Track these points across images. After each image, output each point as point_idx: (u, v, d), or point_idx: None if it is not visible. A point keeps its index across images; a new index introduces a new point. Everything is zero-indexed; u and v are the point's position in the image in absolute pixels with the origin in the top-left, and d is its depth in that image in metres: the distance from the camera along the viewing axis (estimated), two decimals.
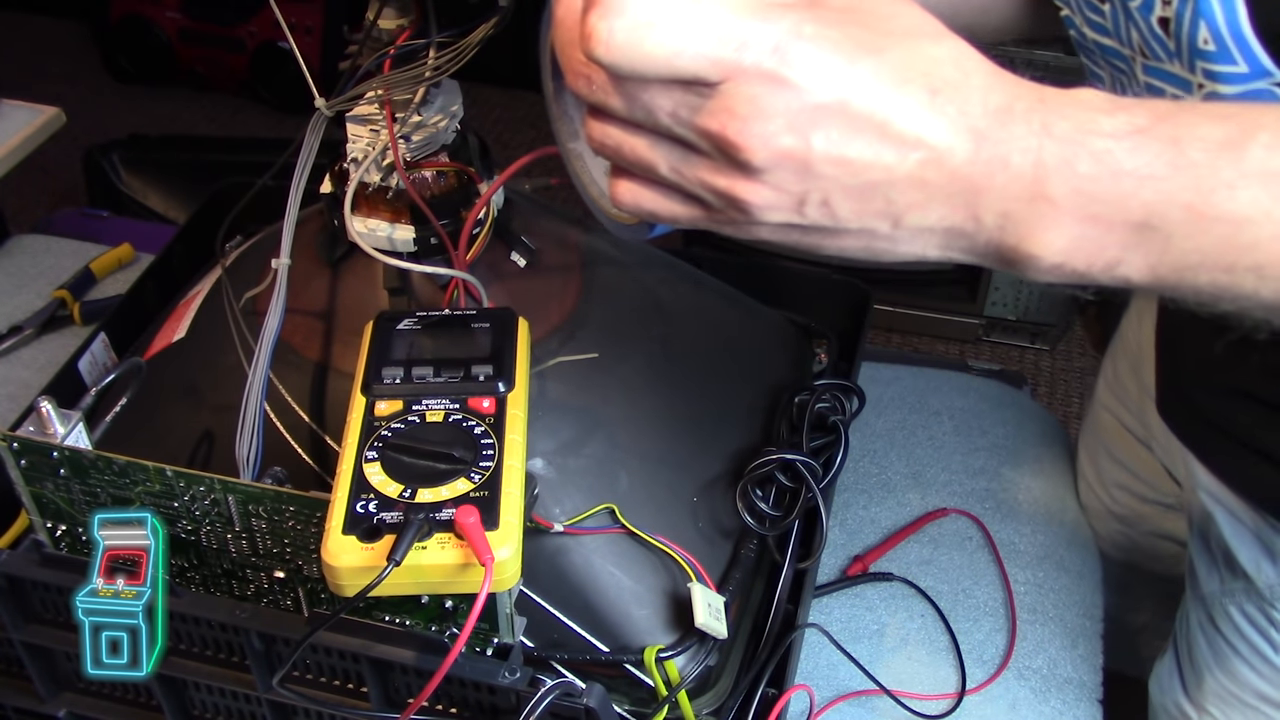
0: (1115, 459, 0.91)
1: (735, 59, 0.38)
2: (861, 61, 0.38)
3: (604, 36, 0.38)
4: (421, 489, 0.53)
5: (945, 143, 0.39)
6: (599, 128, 0.43)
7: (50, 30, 2.92)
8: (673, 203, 0.43)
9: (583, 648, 0.64)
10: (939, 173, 0.39)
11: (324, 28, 2.42)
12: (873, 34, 0.39)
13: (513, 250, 0.71)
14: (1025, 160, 0.39)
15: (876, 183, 0.39)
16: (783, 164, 0.39)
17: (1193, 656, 0.77)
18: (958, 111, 0.39)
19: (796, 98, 0.38)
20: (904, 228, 0.41)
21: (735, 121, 0.39)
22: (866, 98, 0.38)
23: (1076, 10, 0.57)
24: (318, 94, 0.64)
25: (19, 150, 1.14)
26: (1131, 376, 0.87)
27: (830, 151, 0.39)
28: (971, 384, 0.99)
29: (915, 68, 0.39)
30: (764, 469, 0.70)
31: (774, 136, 0.39)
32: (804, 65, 0.38)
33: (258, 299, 0.72)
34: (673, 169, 0.42)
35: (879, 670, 0.76)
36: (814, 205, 0.40)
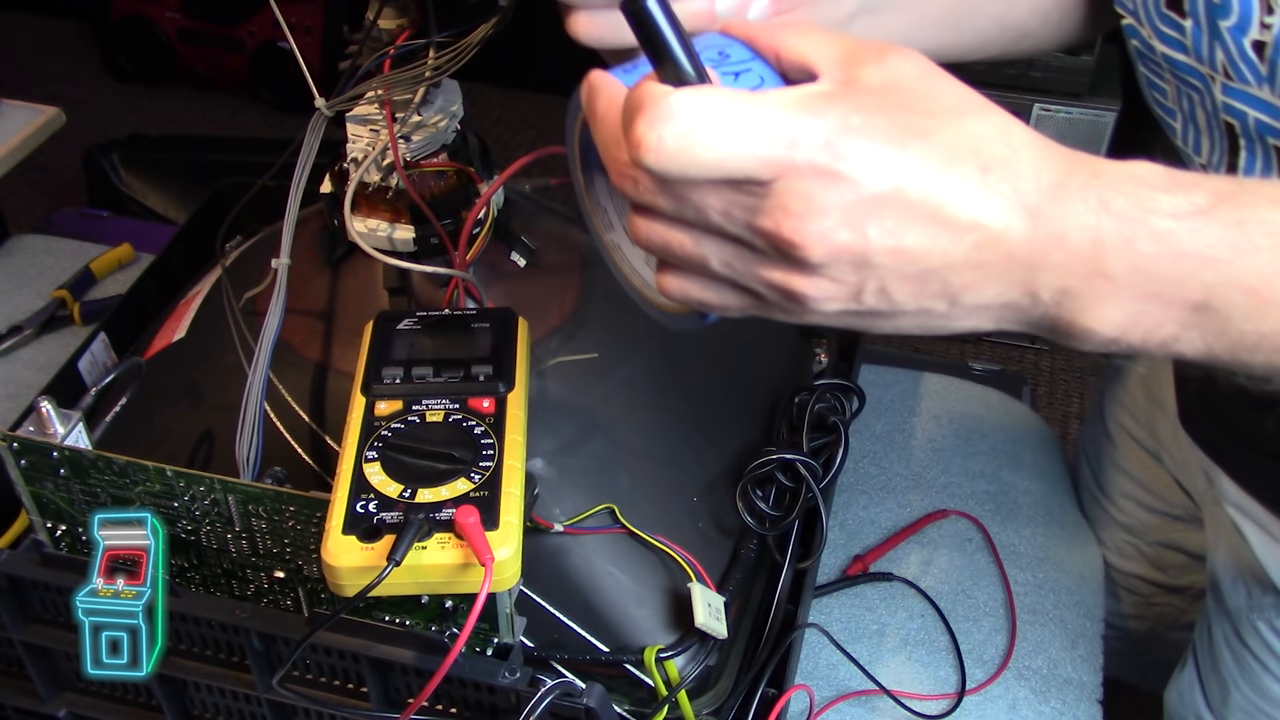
0: (1121, 469, 0.91)
1: (787, 156, 0.38)
2: (910, 147, 0.38)
3: (654, 145, 0.38)
4: (421, 489, 0.53)
5: (1001, 222, 0.38)
6: (646, 225, 0.42)
7: (50, 30, 2.92)
8: (724, 294, 0.43)
9: (583, 648, 0.64)
10: (995, 253, 0.39)
11: (324, 28, 2.42)
12: (916, 115, 0.39)
13: (513, 250, 0.71)
14: (1083, 237, 0.38)
15: (933, 268, 0.39)
16: (840, 258, 0.39)
17: (1218, 671, 0.76)
18: (1011, 189, 0.38)
19: (850, 190, 0.38)
20: (960, 306, 0.41)
21: (790, 219, 0.38)
22: (919, 183, 0.38)
23: (1145, 22, 0.56)
24: (318, 94, 0.64)
25: (19, 150, 1.14)
26: (1140, 387, 0.86)
27: (887, 242, 0.38)
28: (971, 391, 1.00)
29: (964, 147, 0.39)
30: (764, 469, 0.71)
31: (830, 232, 0.38)
32: (855, 157, 0.38)
33: (258, 299, 0.72)
34: (725, 264, 0.42)
35: (879, 670, 0.76)
36: (871, 293, 0.40)
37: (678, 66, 0.40)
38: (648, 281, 0.50)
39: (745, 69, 0.43)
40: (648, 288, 0.50)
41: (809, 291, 0.40)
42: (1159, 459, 0.86)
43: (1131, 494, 0.91)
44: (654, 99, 0.39)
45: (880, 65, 0.40)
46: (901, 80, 0.40)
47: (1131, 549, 0.93)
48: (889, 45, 0.41)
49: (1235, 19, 0.50)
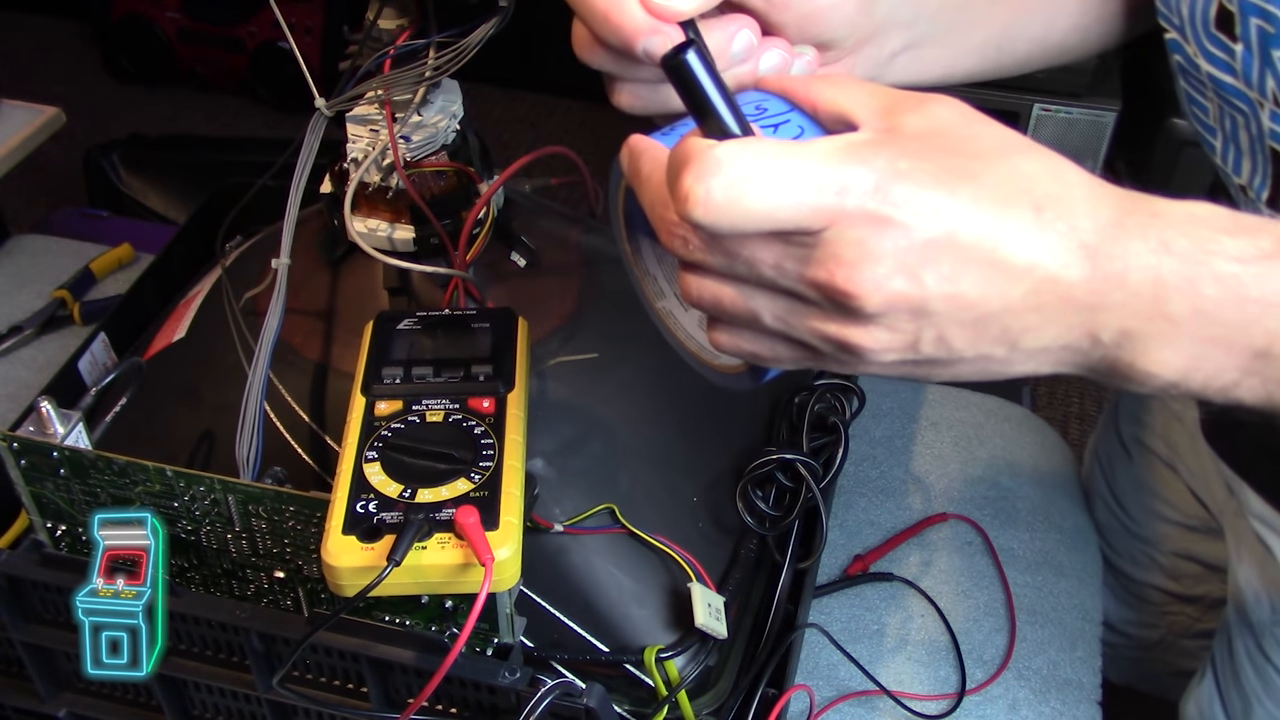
0: (1136, 479, 0.90)
1: (837, 204, 0.37)
2: (961, 189, 0.37)
3: (701, 198, 0.37)
4: (421, 489, 0.53)
5: (1058, 262, 0.38)
6: (696, 283, 0.42)
7: (50, 30, 2.92)
8: (778, 347, 0.42)
9: (583, 648, 0.64)
10: (1054, 294, 0.38)
11: (324, 28, 2.42)
12: (963, 158, 0.38)
13: (513, 250, 0.71)
14: (1144, 277, 0.38)
15: (992, 313, 0.38)
16: (896, 307, 0.38)
17: (1239, 684, 0.75)
18: (1067, 228, 0.38)
19: (904, 236, 0.37)
20: (1020, 350, 0.40)
21: (844, 269, 0.38)
22: (973, 226, 0.37)
23: (1191, 40, 0.55)
24: (318, 94, 0.64)
25: (19, 150, 1.14)
26: (1156, 400, 0.85)
27: (944, 289, 0.38)
28: (970, 399, 1.00)
29: (1015, 186, 0.38)
30: (764, 469, 0.71)
31: (886, 280, 0.37)
32: (907, 202, 0.37)
33: (258, 299, 0.72)
34: (778, 318, 0.41)
35: (879, 670, 0.76)
36: (929, 342, 0.39)
37: (720, 120, 0.40)
38: (703, 345, 0.49)
39: (784, 120, 0.43)
40: (704, 351, 0.49)
41: (865, 343, 0.39)
42: (1175, 470, 0.85)
43: (1146, 504, 0.90)
44: (699, 153, 0.38)
45: (920, 112, 0.40)
46: (943, 126, 0.39)
47: (1146, 558, 0.93)
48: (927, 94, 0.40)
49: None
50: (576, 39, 0.46)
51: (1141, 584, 0.94)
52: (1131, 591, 0.96)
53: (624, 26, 0.43)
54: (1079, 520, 0.91)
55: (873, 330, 0.39)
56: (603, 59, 0.46)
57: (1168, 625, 0.96)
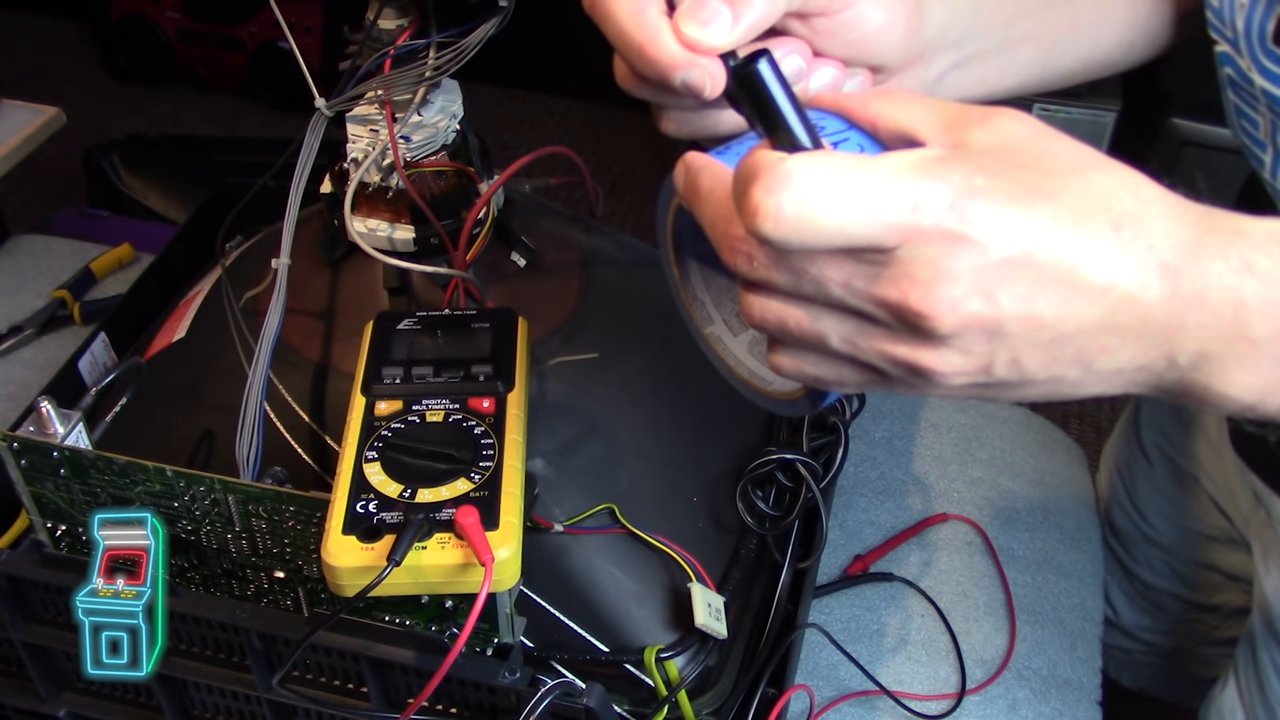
0: (1155, 487, 0.90)
1: (912, 220, 0.36)
2: (1038, 206, 0.36)
3: (772, 211, 0.36)
4: (421, 489, 0.53)
5: (1137, 281, 0.37)
6: (760, 303, 0.40)
7: (50, 30, 2.92)
8: (843, 371, 0.41)
9: (583, 648, 0.64)
10: (1132, 315, 0.37)
11: (324, 28, 2.42)
12: (1037, 175, 0.37)
13: (513, 250, 0.72)
14: (1225, 299, 0.37)
15: (1068, 334, 0.37)
16: (971, 328, 0.37)
17: (1265, 695, 0.75)
18: (1146, 246, 0.37)
19: (980, 255, 0.36)
20: (1093, 372, 0.39)
21: (918, 288, 0.36)
22: (1050, 245, 0.36)
23: (1245, 53, 0.54)
24: (318, 94, 0.64)
25: (19, 150, 1.14)
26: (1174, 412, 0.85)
27: (1020, 309, 0.36)
28: (969, 402, 0.99)
29: (1092, 204, 0.37)
30: (764, 469, 0.70)
31: (961, 301, 0.36)
32: (983, 220, 0.36)
33: (258, 299, 0.72)
34: (845, 340, 0.39)
35: (879, 670, 0.76)
36: (1002, 365, 0.38)
37: (792, 133, 0.39)
38: (754, 372, 0.48)
39: (843, 139, 0.42)
40: (755, 378, 0.48)
41: (937, 366, 0.38)
42: (1196, 479, 0.85)
43: (1165, 512, 0.89)
44: (770, 165, 0.37)
45: (987, 127, 0.38)
46: (1013, 141, 0.38)
47: (1164, 566, 0.92)
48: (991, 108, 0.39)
49: None
50: (618, 72, 0.45)
51: (1160, 592, 0.94)
52: (1149, 599, 0.95)
53: (661, 60, 0.42)
54: (1079, 520, 0.91)
55: (945, 353, 0.38)
56: (645, 91, 0.45)
57: (1186, 633, 0.96)
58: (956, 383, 0.39)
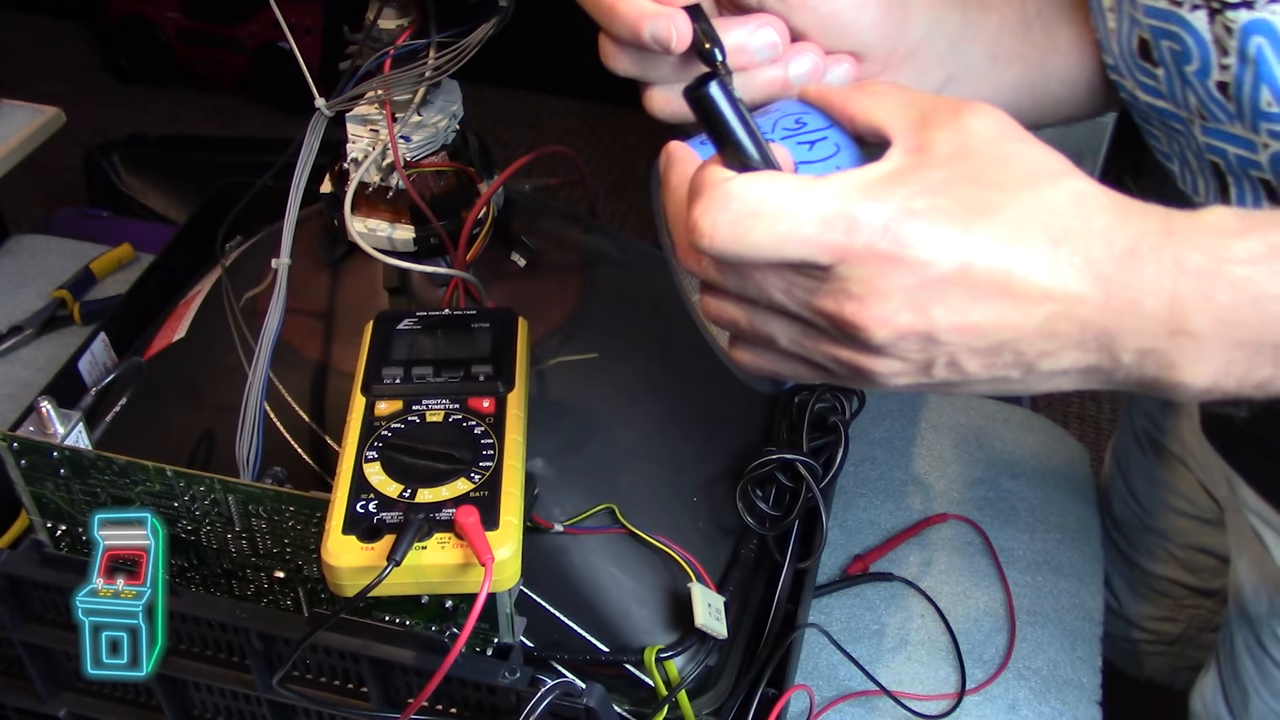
0: (1150, 474, 0.91)
1: (845, 242, 0.38)
2: (977, 226, 0.38)
3: (708, 230, 0.39)
4: (421, 489, 0.53)
5: (1072, 293, 0.38)
6: (714, 303, 0.43)
7: (50, 30, 2.91)
8: (795, 367, 0.44)
9: (583, 648, 0.64)
10: (1068, 323, 0.39)
11: (324, 28, 2.42)
12: (985, 190, 0.39)
13: (513, 250, 0.72)
14: (1159, 300, 0.38)
15: (1005, 341, 0.39)
16: (905, 338, 0.39)
17: (1238, 676, 0.76)
18: (1083, 261, 0.38)
19: (913, 274, 0.38)
20: (1036, 373, 0.41)
21: (851, 303, 0.39)
22: (986, 261, 0.38)
23: (1128, 75, 0.56)
24: (318, 94, 0.64)
25: (19, 150, 1.14)
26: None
27: (954, 320, 0.38)
28: (970, 401, 1.00)
29: (1033, 220, 0.38)
30: (764, 469, 0.70)
31: (893, 315, 0.38)
32: (918, 242, 0.38)
33: (258, 299, 0.72)
34: (793, 341, 0.42)
35: (879, 670, 0.76)
36: (941, 367, 0.40)
37: (740, 150, 0.41)
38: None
39: (820, 137, 0.44)
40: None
41: (877, 369, 0.41)
42: (1185, 463, 0.85)
43: (1161, 498, 0.90)
44: (712, 185, 0.39)
45: (953, 128, 0.40)
46: (974, 145, 0.40)
47: (1163, 552, 0.93)
48: (964, 103, 0.41)
49: (1197, 64, 0.50)
50: (601, 48, 0.47)
51: (1159, 578, 0.95)
52: (1150, 586, 0.96)
53: (629, 15, 0.44)
54: (1080, 519, 0.91)
55: (883, 359, 0.40)
56: (626, 63, 0.47)
57: (1187, 619, 0.97)
58: (899, 382, 0.41)
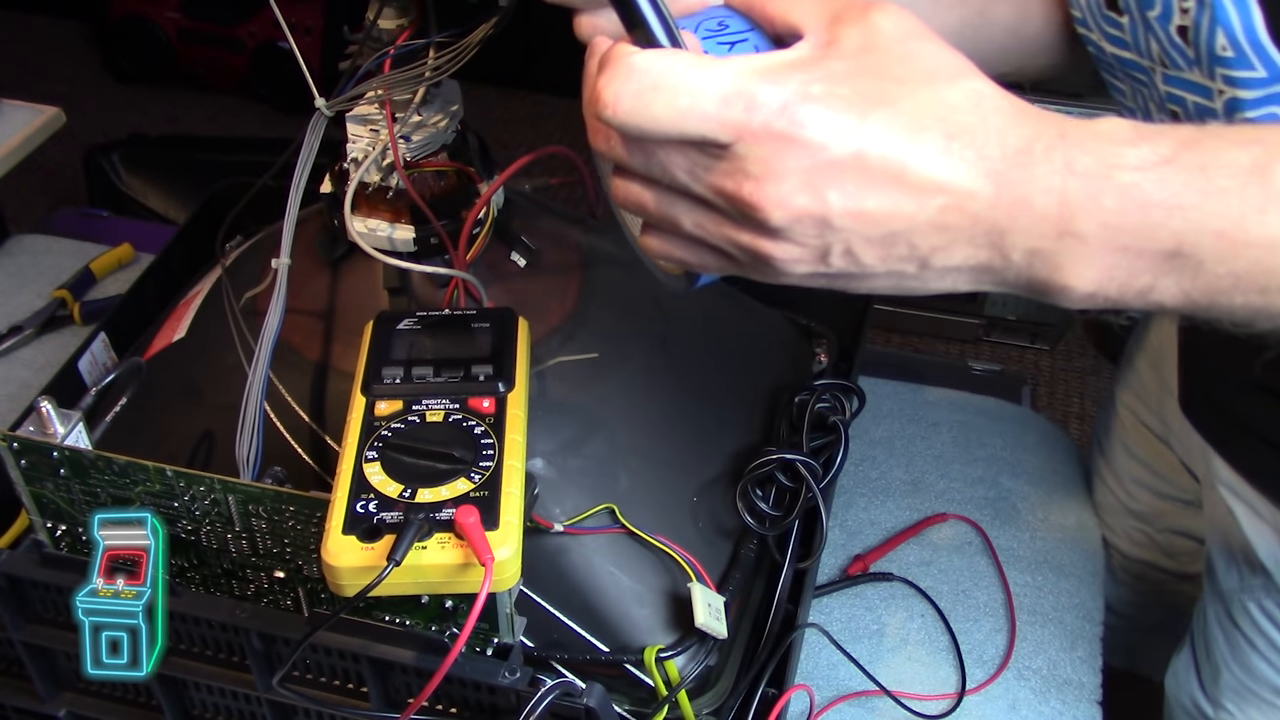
0: (1133, 455, 0.91)
1: (743, 120, 0.38)
2: (873, 115, 0.39)
3: (610, 100, 0.39)
4: (421, 489, 0.53)
5: (965, 187, 0.39)
6: (622, 185, 0.43)
7: (50, 30, 2.92)
8: (701, 254, 0.44)
9: (583, 648, 0.64)
10: (960, 217, 0.39)
11: (324, 28, 2.42)
12: (885, 83, 0.39)
13: (513, 250, 0.71)
14: (1049, 200, 0.39)
15: (898, 231, 0.40)
16: (801, 221, 0.40)
17: (1210, 652, 0.77)
18: (976, 156, 0.39)
19: (809, 156, 0.38)
20: (931, 269, 0.41)
21: (749, 182, 0.39)
22: (881, 149, 0.39)
23: (1094, 27, 0.57)
24: (318, 94, 0.64)
25: (19, 150, 1.14)
26: (1151, 373, 0.87)
27: (848, 206, 0.39)
28: (969, 401, 1.00)
29: (930, 114, 0.39)
30: (764, 469, 0.70)
31: (789, 196, 0.39)
32: (814, 124, 0.38)
33: (258, 299, 0.72)
34: (697, 225, 0.42)
35: (879, 670, 0.76)
36: (837, 255, 0.41)
37: (648, 30, 0.42)
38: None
39: (741, 39, 0.45)
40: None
41: (775, 254, 0.41)
42: (1168, 444, 0.86)
43: (1142, 479, 0.91)
44: (618, 58, 0.40)
45: (862, 24, 0.40)
46: (880, 42, 0.40)
47: (1142, 536, 0.94)
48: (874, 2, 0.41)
49: (1159, 8, 0.51)
50: None
51: (1139, 562, 0.96)
52: (1130, 571, 0.97)
53: None
54: (1080, 519, 0.91)
55: (781, 244, 0.41)
56: None
57: (1166, 606, 0.97)
58: (798, 270, 0.42)
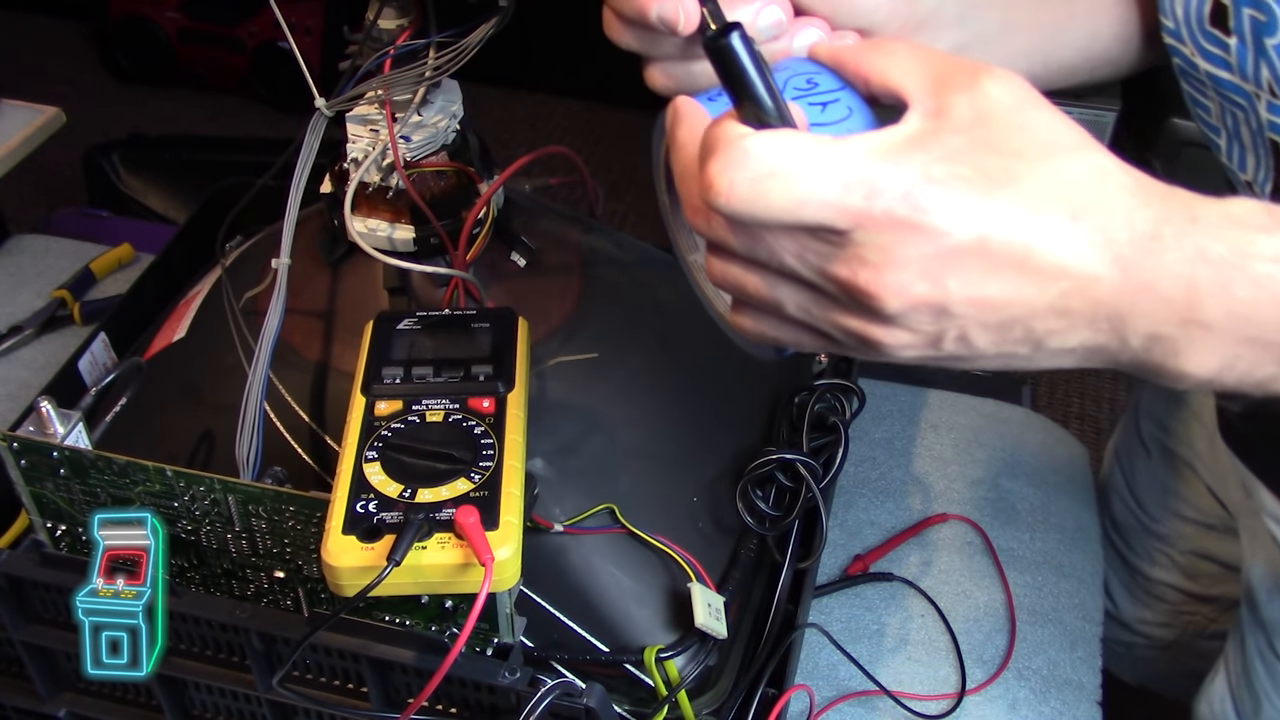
0: (1154, 476, 0.90)
1: (864, 207, 0.37)
2: (996, 195, 0.37)
3: (724, 189, 0.37)
4: (421, 489, 0.53)
5: (1089, 271, 0.37)
6: (720, 265, 0.42)
7: (50, 30, 2.92)
8: (799, 335, 0.42)
9: (583, 648, 0.64)
10: (1082, 301, 0.38)
11: (324, 28, 2.42)
12: (1005, 159, 0.37)
13: (513, 250, 0.71)
14: (1176, 286, 0.37)
15: (1017, 317, 0.38)
16: (917, 309, 0.38)
17: (1250, 682, 0.75)
18: (1102, 238, 0.37)
19: (931, 243, 0.37)
20: (1044, 350, 0.40)
21: (866, 270, 0.37)
22: (1004, 233, 0.37)
23: (1188, 40, 0.55)
24: (318, 94, 0.64)
25: (19, 150, 1.14)
26: (1175, 396, 0.85)
27: (968, 293, 0.38)
28: (969, 403, 1.00)
29: (1053, 192, 0.37)
30: (764, 469, 0.70)
31: (908, 284, 0.37)
32: (937, 209, 0.37)
33: (258, 299, 0.72)
34: (800, 308, 0.41)
35: (879, 670, 0.76)
36: (950, 341, 0.39)
37: (758, 105, 0.39)
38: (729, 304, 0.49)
39: (833, 99, 0.42)
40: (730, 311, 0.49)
41: (885, 340, 0.40)
42: (1193, 468, 0.85)
43: (1164, 502, 0.90)
44: (729, 141, 0.38)
45: (972, 92, 0.39)
46: (993, 111, 0.38)
47: (1163, 557, 0.93)
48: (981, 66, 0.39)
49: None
50: (605, 21, 0.47)
51: (1158, 583, 0.94)
52: (1148, 590, 0.95)
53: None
54: (1080, 520, 0.91)
55: (893, 330, 0.39)
56: (630, 38, 0.47)
57: (1183, 625, 0.96)
58: (906, 355, 0.40)
